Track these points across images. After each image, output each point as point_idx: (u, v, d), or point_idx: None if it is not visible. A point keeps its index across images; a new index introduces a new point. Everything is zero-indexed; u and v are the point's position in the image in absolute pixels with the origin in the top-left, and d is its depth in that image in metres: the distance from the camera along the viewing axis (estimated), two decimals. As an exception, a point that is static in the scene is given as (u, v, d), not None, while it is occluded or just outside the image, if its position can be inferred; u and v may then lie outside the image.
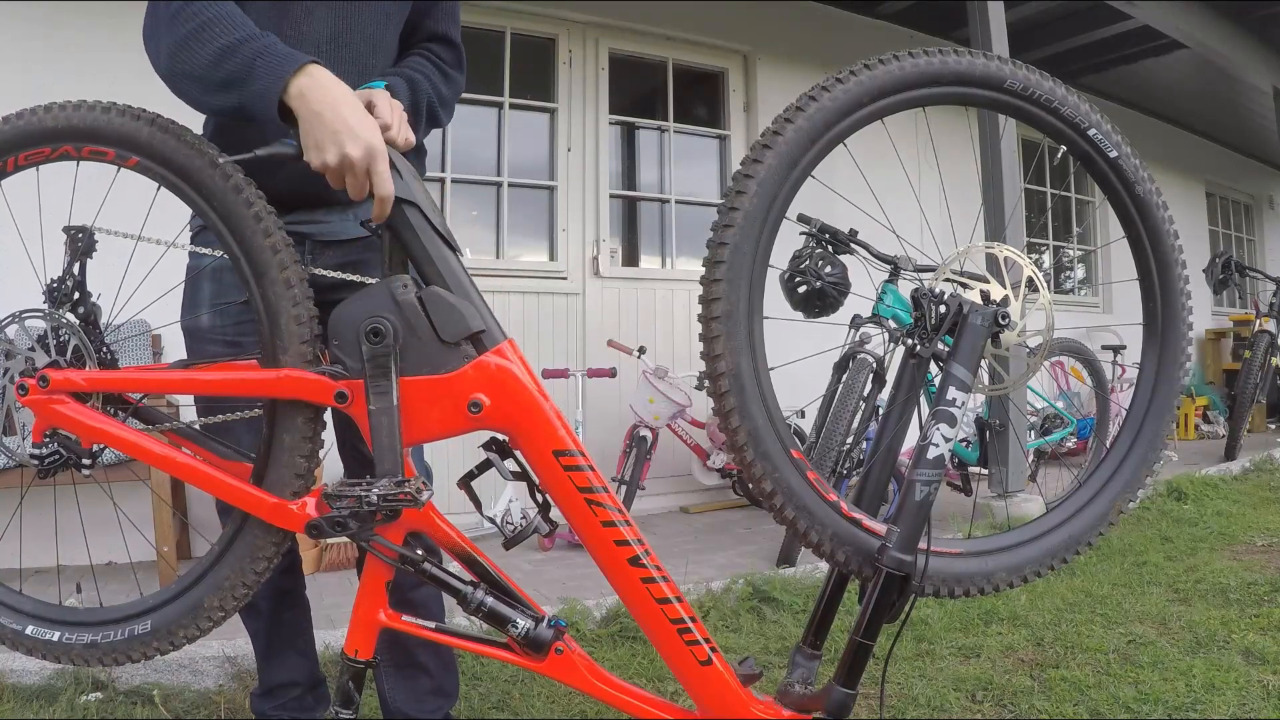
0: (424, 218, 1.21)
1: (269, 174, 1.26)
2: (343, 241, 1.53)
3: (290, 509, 1.21)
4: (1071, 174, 6.96)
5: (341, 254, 1.53)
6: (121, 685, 2.14)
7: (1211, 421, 7.03)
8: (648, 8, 4.67)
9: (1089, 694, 2.07)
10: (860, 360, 3.21)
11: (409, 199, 1.20)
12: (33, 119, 1.24)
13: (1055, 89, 1.30)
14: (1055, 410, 4.34)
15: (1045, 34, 5.88)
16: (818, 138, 1.19)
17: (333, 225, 1.53)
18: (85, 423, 1.23)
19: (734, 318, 1.17)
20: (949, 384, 1.22)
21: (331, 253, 1.52)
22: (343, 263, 1.48)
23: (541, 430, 1.20)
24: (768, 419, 1.19)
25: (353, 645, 1.23)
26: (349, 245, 1.54)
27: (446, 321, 1.19)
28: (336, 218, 1.53)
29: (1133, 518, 3.95)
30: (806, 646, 1.35)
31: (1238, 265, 5.77)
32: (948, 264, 1.31)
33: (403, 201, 1.20)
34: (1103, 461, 1.40)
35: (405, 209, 1.20)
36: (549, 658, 1.23)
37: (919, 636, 2.50)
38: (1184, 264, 1.38)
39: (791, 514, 1.21)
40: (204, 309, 1.52)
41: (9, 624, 1.31)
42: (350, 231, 1.53)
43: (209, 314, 1.51)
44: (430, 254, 1.21)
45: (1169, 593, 2.91)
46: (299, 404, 1.21)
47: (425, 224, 1.21)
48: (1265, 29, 6.01)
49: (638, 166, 4.98)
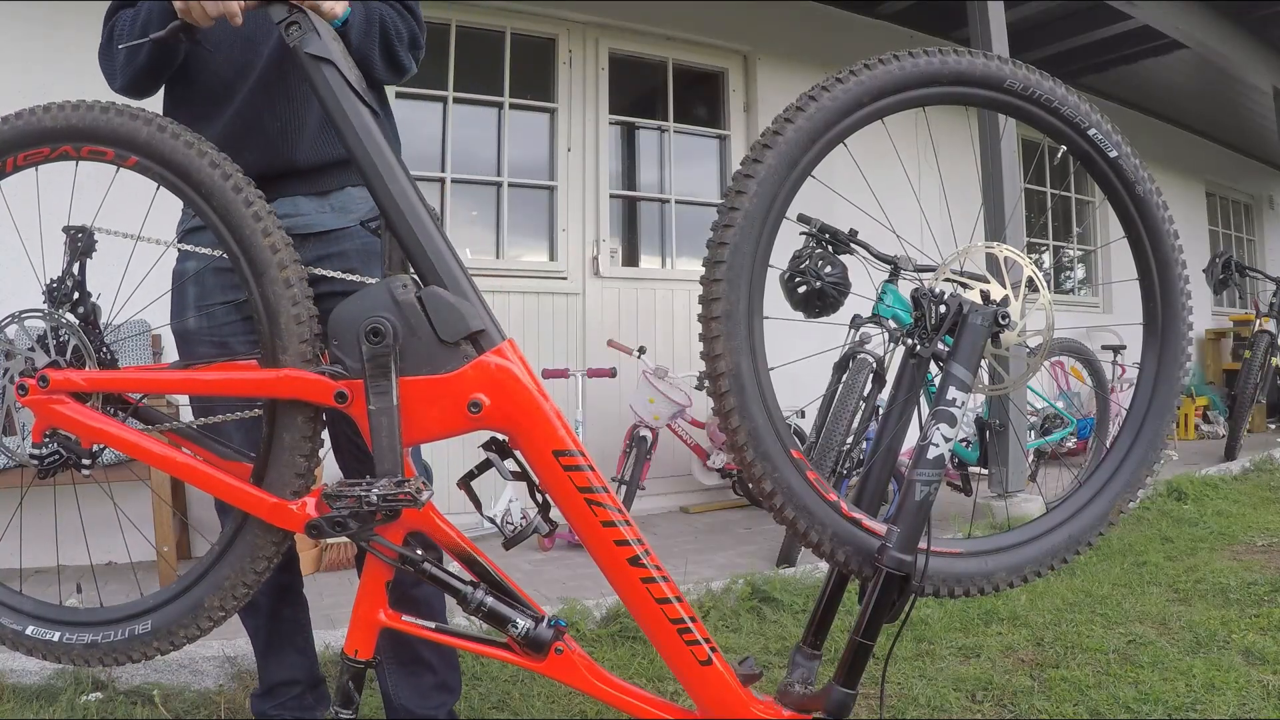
0: (341, 76, 1.20)
1: (236, 152, 1.31)
2: (320, 234, 1.54)
3: (290, 509, 1.21)
4: (1072, 174, 6.96)
5: (319, 247, 1.54)
6: (121, 685, 2.14)
7: (1211, 421, 7.03)
8: (648, 8, 4.67)
9: (1089, 694, 2.07)
10: (860, 360, 3.21)
11: (325, 56, 1.20)
12: (32, 119, 1.24)
13: (1055, 89, 1.30)
14: (1055, 410, 4.34)
15: (1045, 34, 5.88)
16: (818, 137, 1.19)
17: (309, 217, 1.54)
18: (85, 423, 1.23)
19: (734, 317, 1.17)
20: (949, 384, 1.22)
21: (310, 245, 1.52)
22: (320, 255, 1.51)
23: (541, 430, 1.20)
24: (767, 419, 1.19)
25: (353, 645, 1.23)
26: (326, 237, 1.55)
27: (446, 321, 1.19)
28: (313, 209, 1.55)
29: (1133, 518, 3.95)
30: (806, 646, 1.35)
31: (1238, 265, 5.76)
32: (948, 264, 1.31)
33: (319, 59, 1.19)
34: (1103, 462, 1.40)
35: (322, 67, 1.20)
36: (549, 658, 1.23)
37: (919, 636, 2.50)
38: (1184, 264, 1.38)
39: (791, 514, 1.21)
40: (190, 312, 1.53)
41: (9, 624, 1.31)
42: (326, 223, 1.55)
43: (195, 317, 1.52)
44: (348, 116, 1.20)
45: (1169, 593, 2.91)
46: (299, 404, 1.21)
47: (342, 82, 1.20)
48: (1265, 29, 6.01)
49: (638, 166, 4.98)
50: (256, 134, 1.49)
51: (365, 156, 1.20)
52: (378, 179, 1.20)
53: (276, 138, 1.50)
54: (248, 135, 1.48)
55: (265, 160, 1.48)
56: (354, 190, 1.58)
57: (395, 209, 1.20)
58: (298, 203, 1.53)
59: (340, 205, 1.57)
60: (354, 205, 1.57)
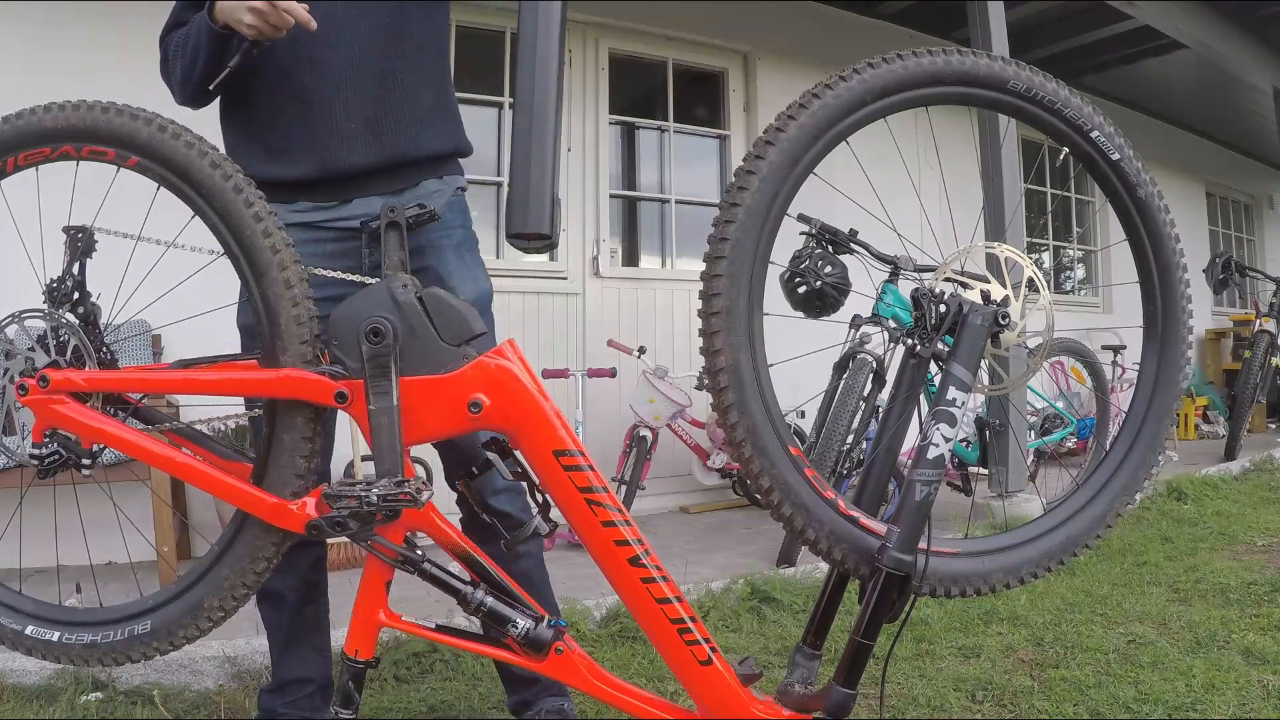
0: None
1: (293, 161, 1.44)
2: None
3: (290, 509, 1.21)
4: (1072, 175, 6.96)
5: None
6: (121, 685, 2.14)
7: (1211, 421, 7.03)
8: (648, 8, 4.67)
9: (1089, 694, 2.07)
10: (860, 360, 3.21)
11: None
12: (32, 119, 1.24)
13: (1058, 90, 1.30)
14: (1055, 410, 4.34)
15: (1045, 34, 5.88)
16: (820, 135, 1.19)
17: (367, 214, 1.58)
18: (85, 423, 1.23)
19: (734, 314, 1.17)
20: (949, 384, 1.22)
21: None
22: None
23: (541, 430, 1.20)
24: (766, 415, 1.19)
25: (353, 645, 1.23)
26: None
27: (447, 323, 1.19)
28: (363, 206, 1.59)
29: (1133, 518, 3.95)
30: (806, 646, 1.34)
31: (1238, 265, 5.76)
32: (948, 264, 1.31)
33: None
34: (1101, 463, 1.40)
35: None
36: (549, 657, 1.23)
37: (919, 636, 2.50)
38: (1185, 268, 1.38)
39: (789, 511, 1.21)
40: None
41: (9, 624, 1.31)
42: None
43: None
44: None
45: (1169, 593, 2.91)
46: (299, 404, 1.21)
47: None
48: (1265, 29, 6.01)
49: (638, 166, 4.97)
50: (328, 134, 1.54)
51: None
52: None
53: (350, 137, 1.55)
54: (320, 135, 1.54)
55: (338, 160, 1.54)
56: (428, 184, 1.64)
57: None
58: (371, 202, 1.58)
59: (416, 199, 1.61)
60: (429, 198, 1.62)
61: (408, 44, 1.59)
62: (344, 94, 1.54)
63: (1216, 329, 7.99)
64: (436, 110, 1.66)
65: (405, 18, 1.58)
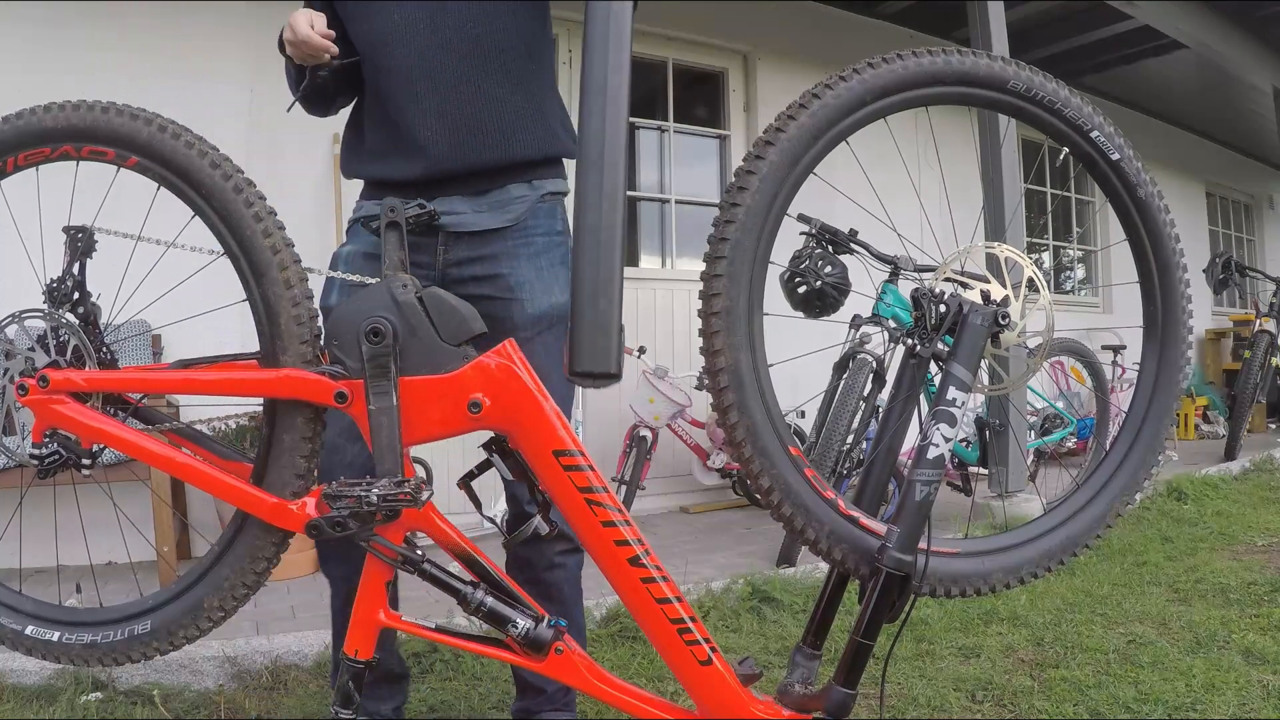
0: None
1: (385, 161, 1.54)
2: (474, 234, 1.62)
3: (290, 509, 1.21)
4: (1072, 175, 6.96)
5: (471, 247, 1.62)
6: (121, 685, 2.14)
7: (1211, 421, 7.03)
8: (648, 8, 4.62)
9: (1089, 694, 2.07)
10: (860, 360, 3.21)
11: None
12: (32, 119, 1.24)
13: (1059, 90, 1.30)
14: (1055, 410, 4.34)
15: (1045, 34, 5.88)
16: (820, 135, 1.20)
17: (465, 217, 1.61)
18: (85, 423, 1.23)
19: (734, 313, 1.17)
20: (949, 384, 1.22)
21: (463, 244, 1.62)
22: (472, 255, 1.62)
23: (541, 430, 1.20)
24: (766, 415, 1.19)
25: (353, 645, 1.23)
26: (479, 238, 1.62)
27: (447, 323, 1.19)
28: (469, 208, 1.62)
29: (1133, 518, 3.95)
30: (806, 646, 1.34)
31: (1238, 265, 5.77)
32: (948, 264, 1.31)
33: None
34: (1101, 463, 1.40)
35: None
36: (549, 657, 1.23)
37: (919, 636, 2.50)
38: (1185, 268, 1.38)
39: (788, 510, 1.21)
40: (335, 294, 1.61)
41: (9, 624, 1.31)
42: (482, 223, 1.62)
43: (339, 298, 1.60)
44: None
45: (1169, 593, 2.91)
46: (299, 404, 1.21)
47: None
48: (1265, 29, 6.01)
49: (638, 166, 4.97)
50: (404, 137, 1.59)
51: None
52: None
53: (426, 141, 1.58)
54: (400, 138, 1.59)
55: (412, 163, 1.58)
56: (514, 188, 1.64)
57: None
58: (453, 202, 1.60)
59: (498, 203, 1.63)
60: (512, 203, 1.63)
61: (487, 47, 1.59)
62: (419, 99, 1.57)
63: (1216, 329, 7.99)
64: (526, 115, 1.64)
65: (487, 22, 1.59)
